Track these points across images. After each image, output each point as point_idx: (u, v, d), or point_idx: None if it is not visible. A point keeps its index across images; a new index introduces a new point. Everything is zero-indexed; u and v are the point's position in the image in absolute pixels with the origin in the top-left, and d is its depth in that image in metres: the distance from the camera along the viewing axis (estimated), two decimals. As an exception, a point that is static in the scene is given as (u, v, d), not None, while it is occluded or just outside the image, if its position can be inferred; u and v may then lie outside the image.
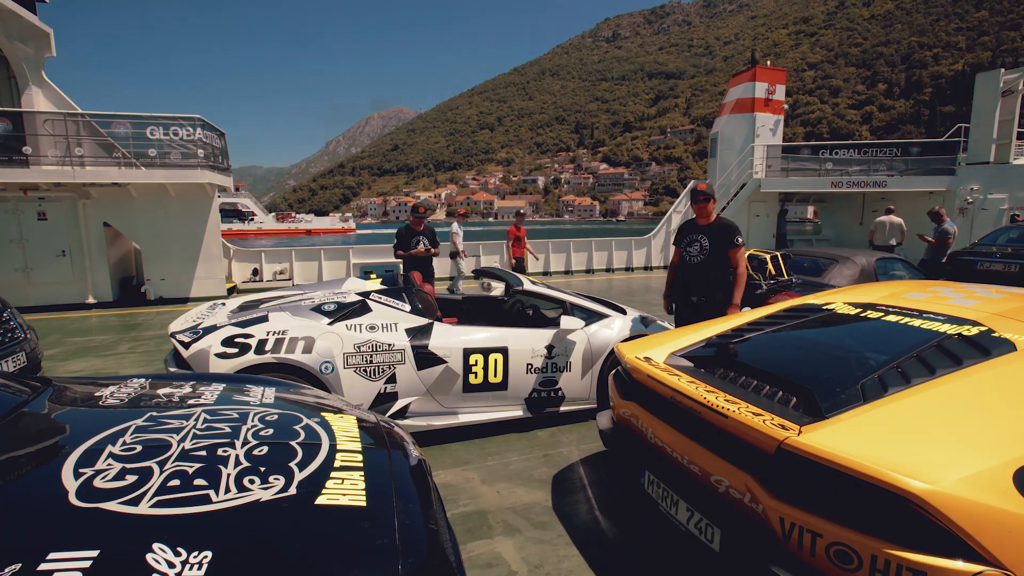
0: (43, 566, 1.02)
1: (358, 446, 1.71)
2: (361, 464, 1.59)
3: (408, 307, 3.87)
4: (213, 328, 3.49)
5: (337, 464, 1.55)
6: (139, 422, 1.65)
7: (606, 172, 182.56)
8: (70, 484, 1.29)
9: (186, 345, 3.37)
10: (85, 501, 1.23)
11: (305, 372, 3.41)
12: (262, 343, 3.40)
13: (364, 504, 1.39)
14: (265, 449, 1.56)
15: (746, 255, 5.76)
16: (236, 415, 1.78)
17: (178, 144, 10.44)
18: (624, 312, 4.52)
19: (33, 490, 1.32)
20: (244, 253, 13.20)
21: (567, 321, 3.96)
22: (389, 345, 3.61)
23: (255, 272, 13.04)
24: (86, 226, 10.40)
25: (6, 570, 0.99)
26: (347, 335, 3.57)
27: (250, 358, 3.33)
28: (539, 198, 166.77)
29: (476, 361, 3.75)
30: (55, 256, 10.28)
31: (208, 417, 1.73)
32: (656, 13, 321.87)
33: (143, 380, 2.12)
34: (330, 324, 3.61)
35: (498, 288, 5.42)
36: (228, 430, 1.65)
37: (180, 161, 10.47)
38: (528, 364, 3.89)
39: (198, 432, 1.61)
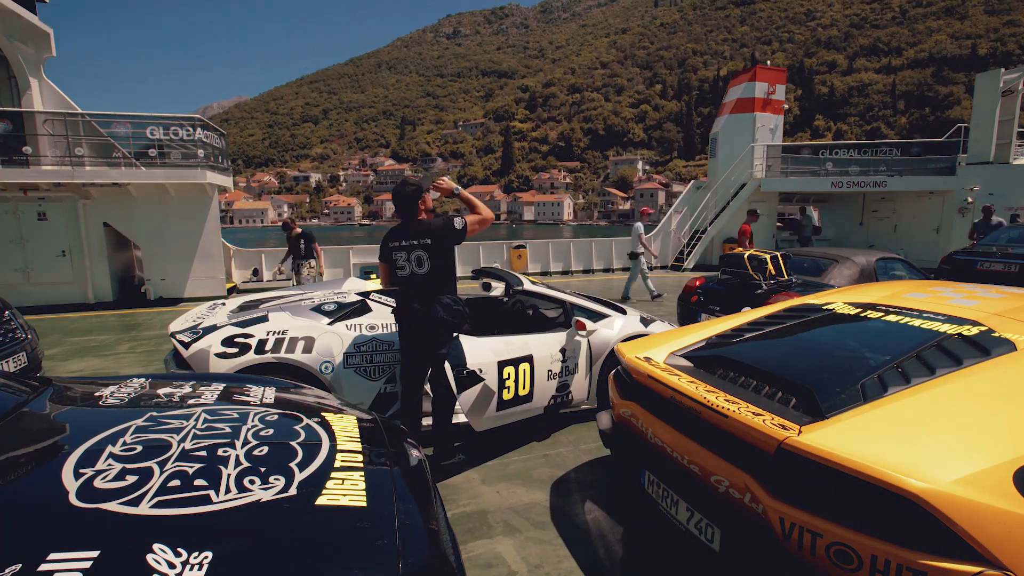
0: (43, 567, 1.02)
1: (358, 446, 1.71)
2: (361, 464, 1.59)
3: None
4: (213, 328, 3.50)
5: (337, 464, 1.55)
6: (139, 422, 1.65)
7: (388, 169, 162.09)
8: (70, 484, 1.29)
9: (186, 345, 3.37)
10: (85, 501, 1.23)
11: (305, 372, 3.41)
12: (262, 343, 3.40)
13: (364, 504, 1.39)
14: (265, 449, 1.56)
15: (745, 255, 5.76)
16: (236, 415, 1.78)
17: (178, 144, 10.45)
18: (624, 312, 4.52)
19: (33, 490, 1.32)
20: (244, 253, 13.21)
21: (592, 324, 3.95)
22: (389, 345, 3.61)
23: (255, 272, 13.05)
24: (86, 226, 10.41)
25: (7, 571, 0.99)
26: (347, 335, 3.57)
27: (250, 358, 3.33)
28: (304, 198, 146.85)
29: (508, 374, 3.52)
30: (55, 256, 10.28)
31: (208, 417, 1.73)
32: (496, 14, 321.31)
33: (143, 380, 2.12)
34: (330, 324, 3.61)
35: (498, 288, 5.42)
36: (228, 430, 1.65)
37: (180, 161, 10.48)
38: (549, 371, 3.77)
39: (198, 432, 1.61)
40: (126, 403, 1.84)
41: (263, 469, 1.45)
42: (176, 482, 1.34)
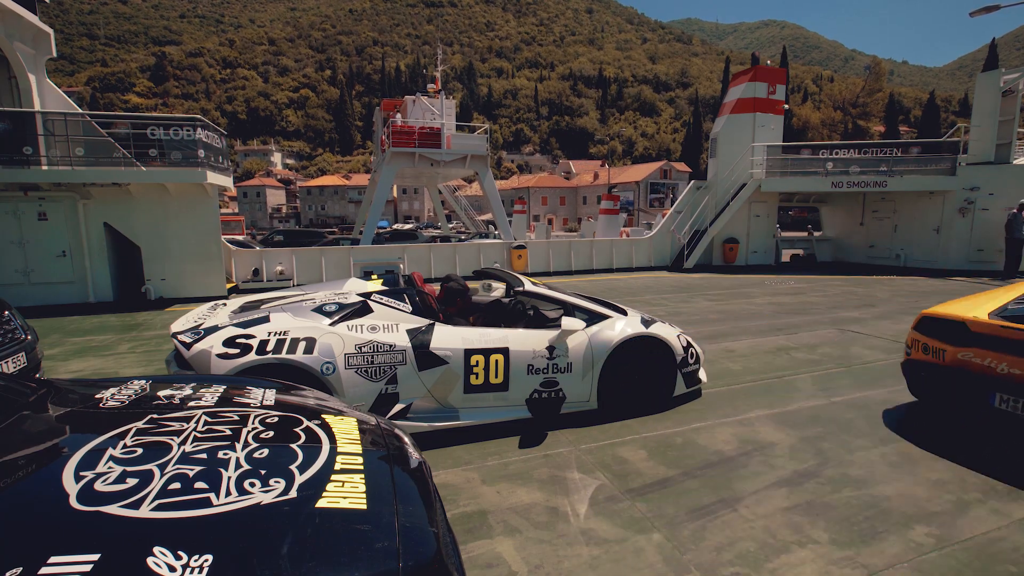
0: (44, 570, 1.02)
1: (358, 448, 1.71)
2: (362, 466, 1.59)
3: (409, 308, 3.87)
4: (215, 328, 3.50)
5: (338, 467, 1.55)
6: (140, 424, 1.65)
7: None
8: (71, 487, 1.29)
9: (188, 345, 3.38)
10: (86, 504, 1.24)
11: (306, 373, 3.42)
12: (263, 344, 3.40)
13: (365, 507, 1.39)
14: (266, 452, 1.56)
15: None
16: (237, 417, 1.78)
17: (178, 144, 10.45)
18: (625, 313, 4.52)
19: (34, 493, 1.32)
20: (245, 253, 13.21)
21: (568, 322, 3.95)
22: (390, 346, 3.61)
23: (255, 272, 13.05)
24: (86, 226, 10.41)
25: (7, 574, 0.99)
26: (348, 336, 3.58)
27: (251, 359, 3.33)
28: None
29: (477, 362, 3.76)
30: (55, 256, 10.28)
31: (209, 419, 1.73)
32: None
33: (144, 382, 2.12)
34: (331, 325, 3.61)
35: (499, 289, 5.42)
36: (229, 432, 1.65)
37: (180, 161, 10.48)
38: (529, 365, 3.89)
39: (199, 434, 1.61)
40: (127, 405, 1.84)
41: (263, 471, 1.45)
42: (176, 485, 1.34)
